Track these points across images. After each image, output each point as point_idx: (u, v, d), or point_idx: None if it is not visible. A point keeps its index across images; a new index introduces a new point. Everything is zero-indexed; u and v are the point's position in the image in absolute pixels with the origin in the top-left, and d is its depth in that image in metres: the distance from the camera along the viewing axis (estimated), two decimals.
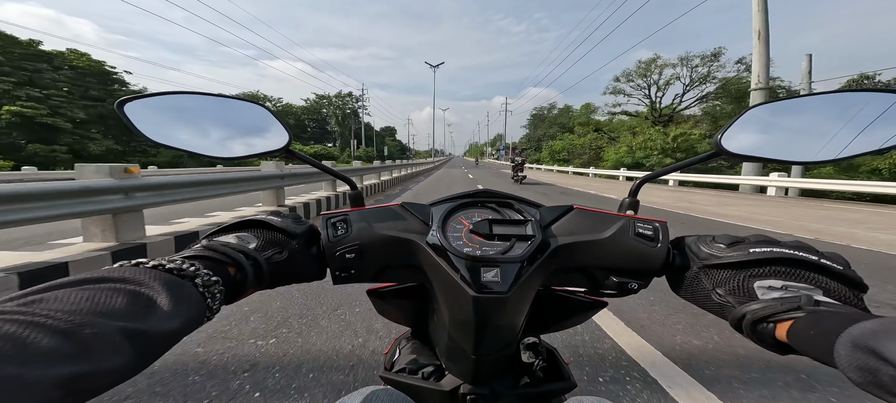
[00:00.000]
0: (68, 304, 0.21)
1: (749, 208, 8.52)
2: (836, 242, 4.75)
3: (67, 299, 0.22)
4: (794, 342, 0.28)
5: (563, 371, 0.54)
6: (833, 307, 0.29)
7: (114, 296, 0.23)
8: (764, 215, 7.34)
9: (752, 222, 6.48)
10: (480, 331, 0.42)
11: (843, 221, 6.56)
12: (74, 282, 0.24)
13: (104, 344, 0.21)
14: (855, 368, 0.22)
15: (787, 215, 7.33)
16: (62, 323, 0.20)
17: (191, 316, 0.28)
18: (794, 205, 9.22)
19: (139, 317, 0.24)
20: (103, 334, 0.21)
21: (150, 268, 0.28)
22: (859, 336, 0.23)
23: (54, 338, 0.19)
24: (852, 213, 7.69)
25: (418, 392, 0.52)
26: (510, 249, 0.42)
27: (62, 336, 0.20)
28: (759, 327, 0.31)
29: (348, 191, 0.50)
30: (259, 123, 0.48)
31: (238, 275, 0.36)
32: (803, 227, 5.89)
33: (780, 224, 6.19)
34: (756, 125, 0.43)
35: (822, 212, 7.81)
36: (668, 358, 1.81)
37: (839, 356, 0.24)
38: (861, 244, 4.64)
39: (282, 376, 1.64)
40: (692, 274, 0.39)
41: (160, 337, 0.25)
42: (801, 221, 6.54)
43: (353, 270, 0.44)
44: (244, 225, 0.41)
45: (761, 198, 11.11)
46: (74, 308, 0.21)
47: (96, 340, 0.21)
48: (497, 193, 0.51)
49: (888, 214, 7.56)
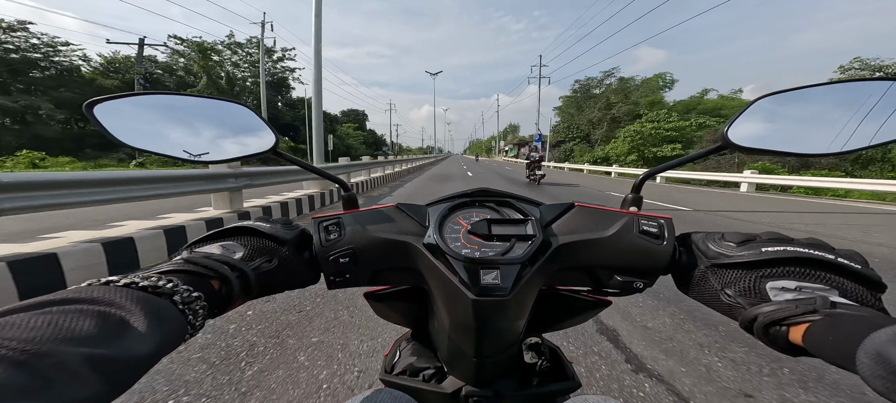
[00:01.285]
0: (25, 331, 0.19)
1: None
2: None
3: (24, 325, 0.20)
4: (811, 346, 0.27)
5: (567, 370, 0.54)
6: (851, 309, 0.28)
7: (79, 320, 0.21)
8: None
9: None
10: (481, 334, 0.41)
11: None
12: (34, 305, 0.22)
13: (66, 375, 0.19)
14: (879, 377, 0.22)
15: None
16: (16, 353, 0.18)
17: (168, 335, 0.26)
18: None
19: (108, 342, 0.22)
20: (65, 363, 0.19)
21: (122, 287, 0.26)
22: (884, 344, 0.22)
23: (6, 371, 0.17)
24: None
25: (420, 394, 0.51)
26: (510, 250, 0.41)
27: (15, 367, 0.17)
28: (771, 330, 0.30)
29: (341, 193, 0.49)
30: (243, 124, 0.46)
31: (223, 289, 0.34)
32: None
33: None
34: (763, 116, 0.41)
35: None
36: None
37: (862, 363, 0.23)
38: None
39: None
40: (700, 273, 0.38)
41: (133, 362, 0.23)
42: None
43: (347, 274, 0.43)
44: (229, 233, 0.39)
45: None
46: (32, 335, 0.19)
47: (57, 371, 0.19)
48: (495, 192, 0.50)
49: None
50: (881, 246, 4.24)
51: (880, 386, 0.21)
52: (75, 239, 2.75)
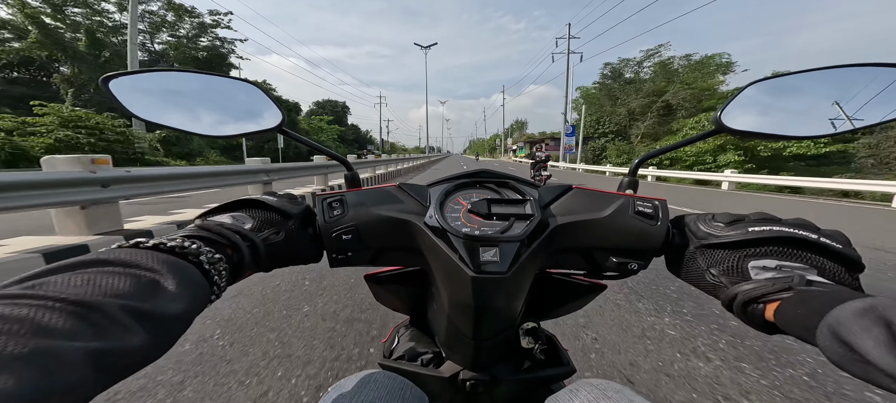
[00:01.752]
0: (68, 287, 0.20)
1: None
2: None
3: (65, 283, 0.20)
4: (780, 322, 0.28)
5: (563, 356, 0.55)
6: (823, 287, 0.28)
7: (115, 279, 0.22)
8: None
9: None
10: (479, 313, 0.42)
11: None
12: (68, 266, 0.22)
13: (115, 324, 0.20)
14: (834, 349, 0.23)
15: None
16: (65, 303, 0.19)
17: (196, 296, 0.27)
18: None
19: (147, 299, 0.22)
20: (113, 314, 0.20)
21: (150, 249, 0.27)
22: (841, 317, 0.23)
23: (70, 318, 0.18)
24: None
25: (418, 378, 0.51)
26: (509, 228, 0.41)
27: (66, 315, 0.18)
28: (749, 308, 0.31)
29: (344, 173, 0.50)
30: (251, 103, 0.47)
31: (235, 257, 0.34)
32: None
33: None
34: (755, 101, 0.43)
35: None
36: None
37: (821, 336, 0.24)
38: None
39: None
40: (689, 254, 0.38)
41: (170, 320, 0.23)
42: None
43: (349, 252, 0.43)
44: (239, 205, 0.40)
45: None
46: (75, 291, 0.20)
47: (106, 319, 0.20)
48: (495, 173, 0.50)
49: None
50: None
51: (835, 357, 0.23)
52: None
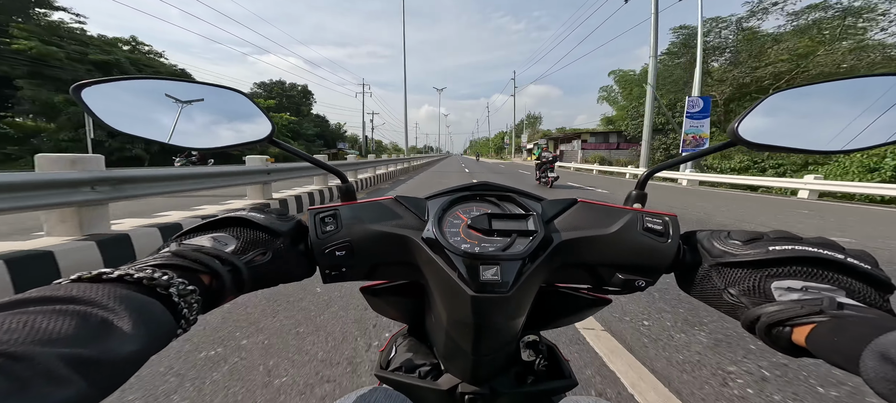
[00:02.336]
0: (1, 332, 0.18)
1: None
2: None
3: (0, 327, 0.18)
4: (815, 348, 0.27)
5: (564, 368, 0.53)
6: (857, 310, 0.27)
7: (56, 320, 0.20)
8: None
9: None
10: (479, 331, 0.40)
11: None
12: (9, 305, 0.20)
13: (44, 377, 0.18)
14: (883, 380, 0.21)
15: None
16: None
17: (156, 333, 0.25)
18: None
19: (89, 343, 0.20)
20: (42, 365, 0.18)
21: (110, 282, 0.25)
22: (890, 347, 0.22)
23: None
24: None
25: (415, 391, 0.50)
26: (511, 245, 0.40)
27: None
28: (774, 331, 0.30)
29: (338, 185, 0.48)
30: (239, 112, 0.45)
31: (214, 284, 0.32)
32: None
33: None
34: (773, 113, 0.41)
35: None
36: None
37: (866, 366, 0.22)
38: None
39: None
40: (703, 272, 0.37)
41: (118, 363, 0.21)
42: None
43: (343, 268, 0.42)
44: (221, 224, 0.37)
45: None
46: (5, 337, 0.18)
47: (33, 373, 0.18)
48: (496, 186, 0.48)
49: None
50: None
51: (884, 389, 0.21)
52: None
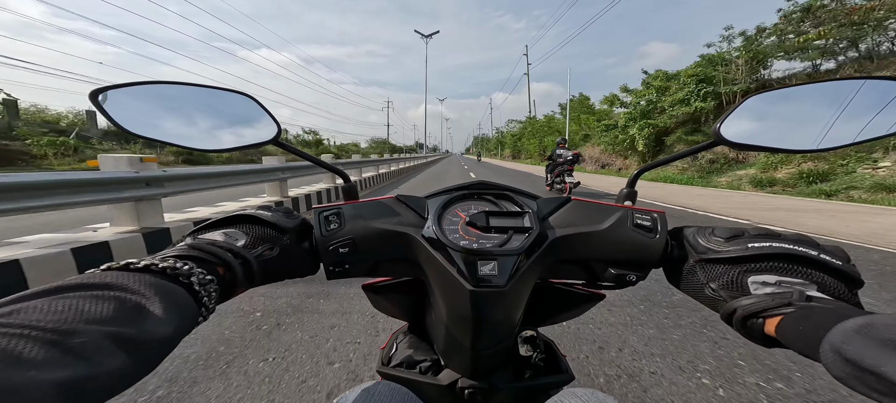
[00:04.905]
0: (49, 314, 0.20)
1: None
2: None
3: (47, 309, 0.20)
4: (783, 338, 0.28)
5: (561, 363, 0.55)
6: (824, 303, 0.29)
7: (98, 303, 0.22)
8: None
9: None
10: (478, 325, 0.41)
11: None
12: (51, 291, 0.22)
13: (96, 350, 0.20)
14: (838, 366, 0.23)
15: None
16: (45, 332, 0.19)
17: (183, 319, 0.26)
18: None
19: (128, 323, 0.22)
20: (93, 340, 0.20)
21: (137, 271, 0.27)
22: (845, 334, 0.23)
23: (44, 346, 0.18)
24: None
25: (416, 386, 0.51)
26: (507, 242, 0.41)
27: (46, 344, 0.18)
28: (749, 322, 0.31)
29: (341, 185, 0.50)
30: (247, 114, 0.47)
31: (227, 275, 0.34)
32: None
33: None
34: (755, 114, 0.42)
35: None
36: None
37: (824, 353, 0.24)
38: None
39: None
40: (689, 267, 0.38)
41: (156, 343, 0.23)
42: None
43: (346, 264, 0.43)
44: (232, 221, 0.40)
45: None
46: (56, 317, 0.20)
47: (86, 347, 0.19)
48: (493, 185, 0.50)
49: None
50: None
51: (840, 373, 0.23)
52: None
